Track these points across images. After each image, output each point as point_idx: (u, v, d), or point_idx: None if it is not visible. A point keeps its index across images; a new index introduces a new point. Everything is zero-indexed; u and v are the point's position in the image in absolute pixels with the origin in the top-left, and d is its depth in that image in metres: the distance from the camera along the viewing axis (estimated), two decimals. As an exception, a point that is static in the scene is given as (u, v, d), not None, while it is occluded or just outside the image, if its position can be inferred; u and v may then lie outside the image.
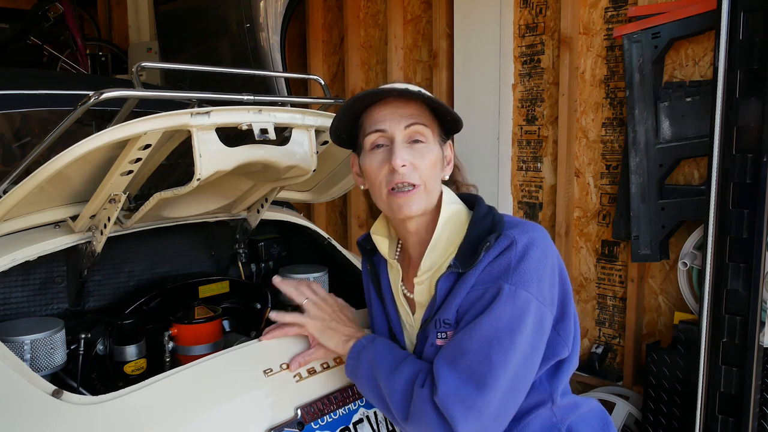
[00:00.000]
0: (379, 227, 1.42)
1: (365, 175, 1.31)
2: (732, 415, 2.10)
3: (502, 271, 1.17)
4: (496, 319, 1.14)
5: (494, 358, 1.13)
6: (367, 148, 1.28)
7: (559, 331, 1.24)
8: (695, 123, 2.50)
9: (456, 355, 1.16)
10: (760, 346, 2.06)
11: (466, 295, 1.20)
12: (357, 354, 1.33)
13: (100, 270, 1.71)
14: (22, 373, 1.19)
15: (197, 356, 1.49)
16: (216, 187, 1.68)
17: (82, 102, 1.27)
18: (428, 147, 1.26)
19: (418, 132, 1.25)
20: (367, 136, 1.27)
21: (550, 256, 1.21)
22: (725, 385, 2.10)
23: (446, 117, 1.28)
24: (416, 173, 1.24)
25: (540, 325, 1.18)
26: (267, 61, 3.51)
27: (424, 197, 1.25)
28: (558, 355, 1.25)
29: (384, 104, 1.26)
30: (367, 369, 1.29)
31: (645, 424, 2.61)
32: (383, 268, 1.45)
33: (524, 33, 3.11)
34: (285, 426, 1.30)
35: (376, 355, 1.29)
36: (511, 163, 3.20)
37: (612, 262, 2.92)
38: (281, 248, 2.13)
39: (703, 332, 2.13)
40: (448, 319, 1.22)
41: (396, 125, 1.24)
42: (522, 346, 1.15)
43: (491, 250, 1.19)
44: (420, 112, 1.26)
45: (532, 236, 1.20)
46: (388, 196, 1.26)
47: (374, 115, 1.27)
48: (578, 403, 1.32)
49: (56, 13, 4.92)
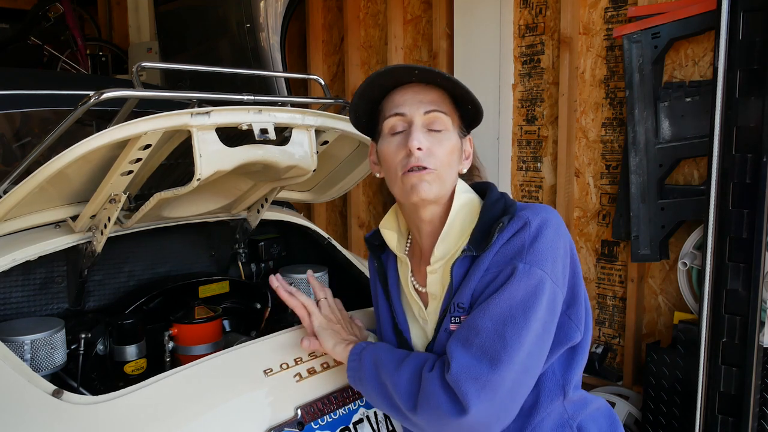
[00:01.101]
0: (389, 221, 1.40)
1: (382, 161, 1.30)
2: (732, 415, 2.10)
3: (516, 251, 1.17)
4: (510, 297, 1.14)
5: (508, 336, 1.12)
6: (386, 133, 1.27)
7: (570, 315, 1.23)
8: (695, 123, 2.50)
9: (470, 334, 1.15)
10: (760, 346, 2.06)
11: (480, 278, 1.19)
12: (359, 355, 1.31)
13: (100, 270, 1.71)
14: (22, 373, 1.19)
15: (197, 356, 1.49)
16: (216, 187, 1.68)
17: (82, 102, 1.27)
18: (446, 135, 1.25)
19: (437, 119, 1.24)
20: (386, 119, 1.26)
21: (563, 236, 1.21)
22: (725, 385, 2.11)
23: (467, 106, 1.27)
24: (432, 158, 1.23)
25: (553, 304, 1.18)
26: (267, 61, 3.51)
27: (438, 182, 1.24)
28: (570, 339, 1.23)
29: (405, 89, 1.26)
30: (370, 368, 1.28)
31: (645, 424, 2.61)
32: (391, 266, 1.43)
33: (524, 33, 3.11)
34: (285, 426, 1.30)
35: (379, 353, 1.28)
36: (511, 163, 3.20)
37: (612, 262, 2.92)
38: (281, 248, 2.13)
39: (703, 332, 2.14)
40: (462, 303, 1.21)
41: (416, 110, 1.24)
42: (535, 324, 1.14)
43: (505, 232, 1.19)
44: (441, 100, 1.26)
45: (546, 216, 1.19)
46: (402, 179, 1.24)
47: (395, 98, 1.26)
48: (588, 400, 1.30)
49: (56, 13, 4.92)
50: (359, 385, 1.32)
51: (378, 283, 1.45)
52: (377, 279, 1.46)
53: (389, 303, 1.41)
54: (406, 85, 1.26)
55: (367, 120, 1.34)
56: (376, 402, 1.29)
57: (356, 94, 1.28)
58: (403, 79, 1.25)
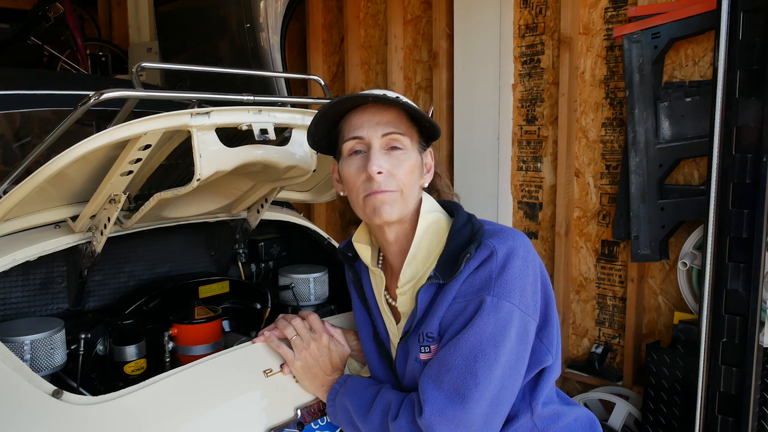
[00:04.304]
0: (361, 234, 1.40)
1: (344, 182, 1.30)
2: (732, 415, 2.10)
3: (483, 282, 1.16)
4: (480, 332, 1.14)
5: (479, 372, 1.12)
6: (345, 154, 1.27)
7: (542, 339, 1.23)
8: (695, 123, 2.50)
9: (440, 371, 1.16)
10: (760, 346, 2.06)
11: (448, 307, 1.19)
12: (333, 401, 1.34)
13: (100, 270, 1.71)
14: (22, 373, 1.19)
15: (197, 356, 1.49)
16: (216, 187, 1.68)
17: (82, 102, 1.27)
18: (406, 154, 1.25)
19: (395, 140, 1.24)
20: (345, 142, 1.27)
21: (531, 263, 1.20)
22: (725, 385, 2.10)
23: (424, 123, 1.27)
24: (393, 180, 1.23)
25: (524, 334, 1.18)
26: (267, 61, 3.51)
27: (400, 202, 1.24)
28: (541, 363, 1.24)
29: (362, 110, 1.26)
30: (344, 414, 1.31)
31: (645, 424, 2.61)
32: (365, 275, 1.43)
33: (524, 33, 3.11)
34: (285, 426, 1.31)
35: (349, 398, 1.30)
36: (511, 163, 3.20)
37: (612, 262, 2.92)
38: (281, 248, 2.13)
39: (702, 332, 2.14)
40: (431, 332, 1.21)
41: (373, 132, 1.23)
42: (506, 357, 1.14)
43: (471, 261, 1.18)
44: (398, 120, 1.25)
45: (512, 245, 1.18)
46: (364, 201, 1.25)
47: (352, 121, 1.26)
48: (562, 414, 1.29)
49: (56, 13, 4.91)
50: (341, 425, 1.35)
51: (354, 293, 1.45)
52: (353, 288, 1.45)
53: (368, 312, 1.41)
54: (363, 107, 1.26)
55: (326, 141, 1.34)
56: None
57: (312, 122, 1.28)
58: (359, 102, 1.25)
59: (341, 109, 1.27)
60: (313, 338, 1.40)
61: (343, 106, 1.26)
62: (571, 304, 3.06)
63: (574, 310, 3.06)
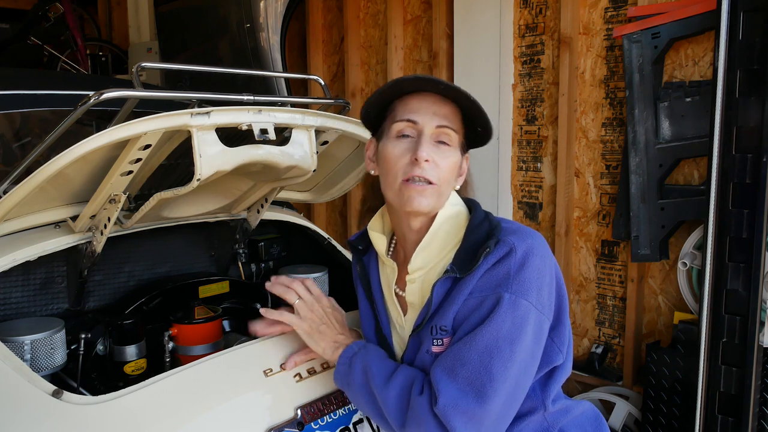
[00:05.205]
0: (376, 223, 1.40)
1: (381, 161, 1.29)
2: (732, 415, 2.10)
3: (501, 279, 1.17)
4: (497, 329, 1.14)
5: (494, 369, 1.13)
6: (393, 135, 1.26)
7: (554, 338, 1.24)
8: (695, 123, 2.50)
9: (455, 365, 1.15)
10: (760, 346, 2.06)
11: (463, 302, 1.19)
12: (349, 360, 1.31)
13: (100, 270, 1.71)
14: (22, 373, 1.19)
15: (197, 356, 1.49)
16: (216, 187, 1.68)
17: (82, 102, 1.27)
18: (451, 150, 1.26)
19: (446, 134, 1.24)
20: (396, 122, 1.25)
21: (548, 263, 1.21)
22: (725, 384, 2.11)
23: (477, 127, 1.28)
24: (436, 171, 1.23)
25: (539, 333, 1.18)
26: (267, 61, 3.51)
27: (436, 197, 1.24)
28: (552, 363, 1.25)
29: (422, 96, 1.25)
30: (360, 376, 1.28)
31: (645, 424, 2.61)
32: (373, 268, 1.43)
33: (524, 33, 3.11)
34: (285, 426, 1.31)
35: (370, 362, 1.28)
36: (511, 163, 3.20)
37: (612, 262, 2.92)
38: (281, 248, 2.13)
39: (702, 332, 2.14)
40: (444, 325, 1.21)
41: (428, 121, 1.23)
42: (522, 356, 1.15)
43: (490, 257, 1.18)
44: (453, 115, 1.26)
45: (531, 244, 1.19)
46: (401, 186, 1.24)
47: (410, 103, 1.25)
48: (570, 408, 1.32)
49: (56, 13, 4.91)
50: (346, 388, 1.32)
51: (360, 287, 1.45)
52: (359, 282, 1.45)
53: (372, 306, 1.41)
54: (424, 93, 1.25)
55: (374, 115, 1.33)
56: (363, 407, 1.30)
57: (378, 91, 1.27)
58: (425, 87, 1.25)
59: (407, 89, 1.26)
60: (316, 298, 1.41)
61: (413, 85, 1.25)
62: (571, 304, 3.06)
63: (574, 310, 3.06)
